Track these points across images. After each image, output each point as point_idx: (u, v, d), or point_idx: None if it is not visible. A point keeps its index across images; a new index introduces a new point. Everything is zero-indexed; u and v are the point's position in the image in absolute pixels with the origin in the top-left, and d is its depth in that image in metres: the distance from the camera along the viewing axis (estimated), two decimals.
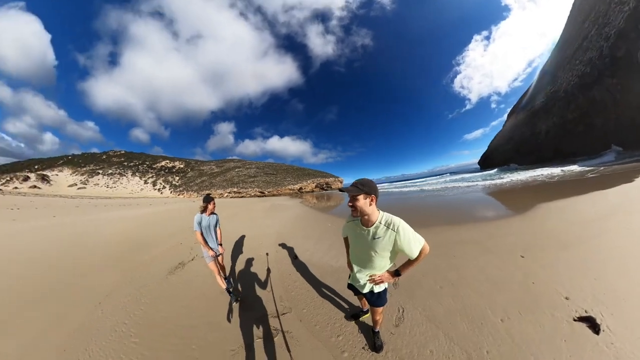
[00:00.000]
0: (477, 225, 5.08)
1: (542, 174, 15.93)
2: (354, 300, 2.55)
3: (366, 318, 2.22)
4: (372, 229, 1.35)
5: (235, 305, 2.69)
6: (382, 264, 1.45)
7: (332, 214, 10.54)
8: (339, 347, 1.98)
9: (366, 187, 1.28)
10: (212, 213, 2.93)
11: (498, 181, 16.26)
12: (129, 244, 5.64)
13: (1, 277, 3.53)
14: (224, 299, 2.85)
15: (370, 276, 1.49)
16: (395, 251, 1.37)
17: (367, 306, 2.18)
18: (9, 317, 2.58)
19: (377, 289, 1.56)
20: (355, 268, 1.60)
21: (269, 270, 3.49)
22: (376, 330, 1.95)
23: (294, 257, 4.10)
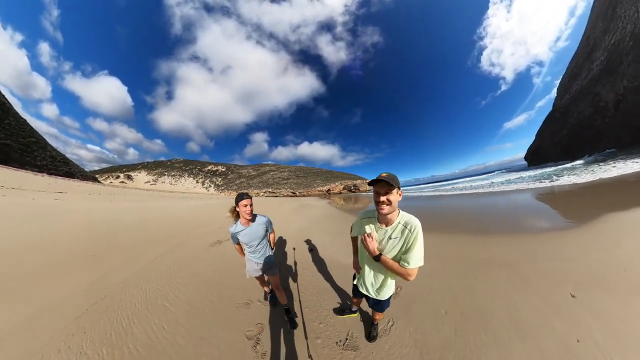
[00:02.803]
0: (515, 239, 4.03)
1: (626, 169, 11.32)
2: (347, 297, 2.59)
3: (352, 317, 2.21)
4: (389, 229, 1.24)
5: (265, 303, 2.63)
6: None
7: (356, 215, 10.67)
8: (316, 332, 2.07)
9: (397, 181, 1.14)
10: (252, 219, 1.96)
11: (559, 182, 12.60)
12: (186, 223, 7.57)
13: (103, 231, 5.27)
14: (239, 269, 3.33)
15: (363, 235, 1.29)
16: (402, 254, 1.22)
17: (357, 307, 2.18)
18: (108, 254, 3.92)
19: (383, 296, 1.48)
20: (366, 270, 1.48)
21: (295, 264, 3.69)
22: (375, 323, 1.94)
23: (309, 249, 4.43)
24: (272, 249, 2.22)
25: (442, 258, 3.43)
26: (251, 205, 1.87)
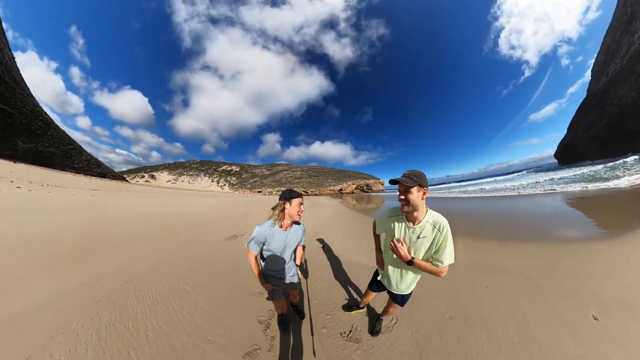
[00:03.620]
0: (536, 248, 3.67)
1: None
2: (355, 294, 2.64)
3: (359, 313, 2.23)
4: (417, 227, 1.24)
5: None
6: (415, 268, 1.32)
7: (368, 215, 10.54)
8: (322, 323, 2.14)
9: (419, 179, 1.15)
10: (296, 222, 1.68)
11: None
12: (204, 218, 7.95)
13: (131, 223, 5.68)
14: (242, 262, 3.54)
15: (393, 241, 1.30)
16: (430, 253, 1.25)
17: (364, 304, 2.20)
18: (136, 242, 4.21)
19: (407, 291, 1.51)
20: (390, 269, 1.49)
21: (305, 261, 3.68)
22: (381, 318, 1.97)
23: (321, 246, 4.55)
24: (298, 265, 1.86)
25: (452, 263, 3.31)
26: (302, 206, 1.58)
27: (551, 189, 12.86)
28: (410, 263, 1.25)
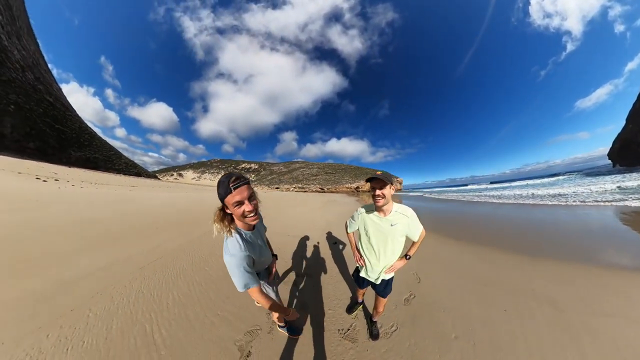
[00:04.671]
0: (569, 270, 3.09)
1: None
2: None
3: (359, 311, 2.24)
4: (389, 217, 1.45)
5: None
6: (398, 248, 1.52)
7: None
8: (324, 317, 2.16)
9: (390, 178, 1.37)
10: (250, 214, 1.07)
11: None
12: None
13: (163, 212, 6.18)
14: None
15: (388, 268, 1.55)
16: (405, 235, 1.50)
17: (362, 298, 2.21)
18: (166, 228, 4.59)
19: (388, 276, 1.62)
20: (372, 259, 1.60)
21: (302, 258, 3.74)
22: (374, 320, 1.97)
23: (332, 242, 4.59)
24: (274, 255, 1.63)
25: (466, 276, 2.94)
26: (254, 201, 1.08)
27: (622, 203, 9.08)
28: (408, 257, 1.58)
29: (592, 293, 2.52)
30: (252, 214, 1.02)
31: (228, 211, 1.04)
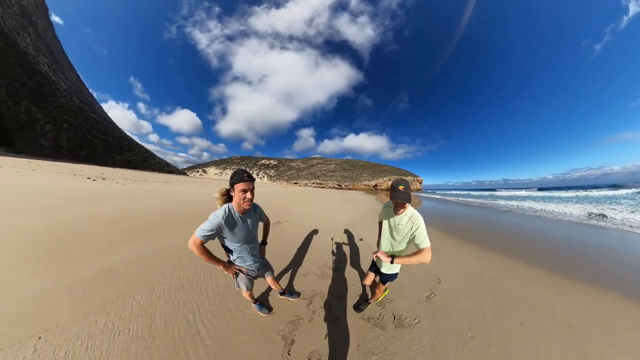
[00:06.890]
0: (595, 294, 2.79)
1: None
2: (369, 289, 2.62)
3: (368, 308, 2.24)
4: (397, 218, 1.66)
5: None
6: (399, 247, 1.71)
7: None
8: (348, 307, 2.22)
9: (410, 194, 1.55)
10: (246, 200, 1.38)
11: None
12: None
13: (193, 204, 6.46)
14: (288, 246, 3.76)
15: (374, 253, 1.74)
16: (410, 240, 1.63)
17: (367, 283, 2.23)
18: (197, 220, 4.67)
19: (393, 270, 1.83)
20: (381, 247, 1.86)
21: (333, 253, 3.75)
22: (369, 301, 2.20)
23: (359, 239, 4.62)
24: (265, 244, 1.87)
25: (485, 284, 2.91)
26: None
27: None
28: (392, 262, 1.60)
29: (613, 322, 2.26)
30: (248, 201, 1.37)
31: (232, 194, 1.39)
